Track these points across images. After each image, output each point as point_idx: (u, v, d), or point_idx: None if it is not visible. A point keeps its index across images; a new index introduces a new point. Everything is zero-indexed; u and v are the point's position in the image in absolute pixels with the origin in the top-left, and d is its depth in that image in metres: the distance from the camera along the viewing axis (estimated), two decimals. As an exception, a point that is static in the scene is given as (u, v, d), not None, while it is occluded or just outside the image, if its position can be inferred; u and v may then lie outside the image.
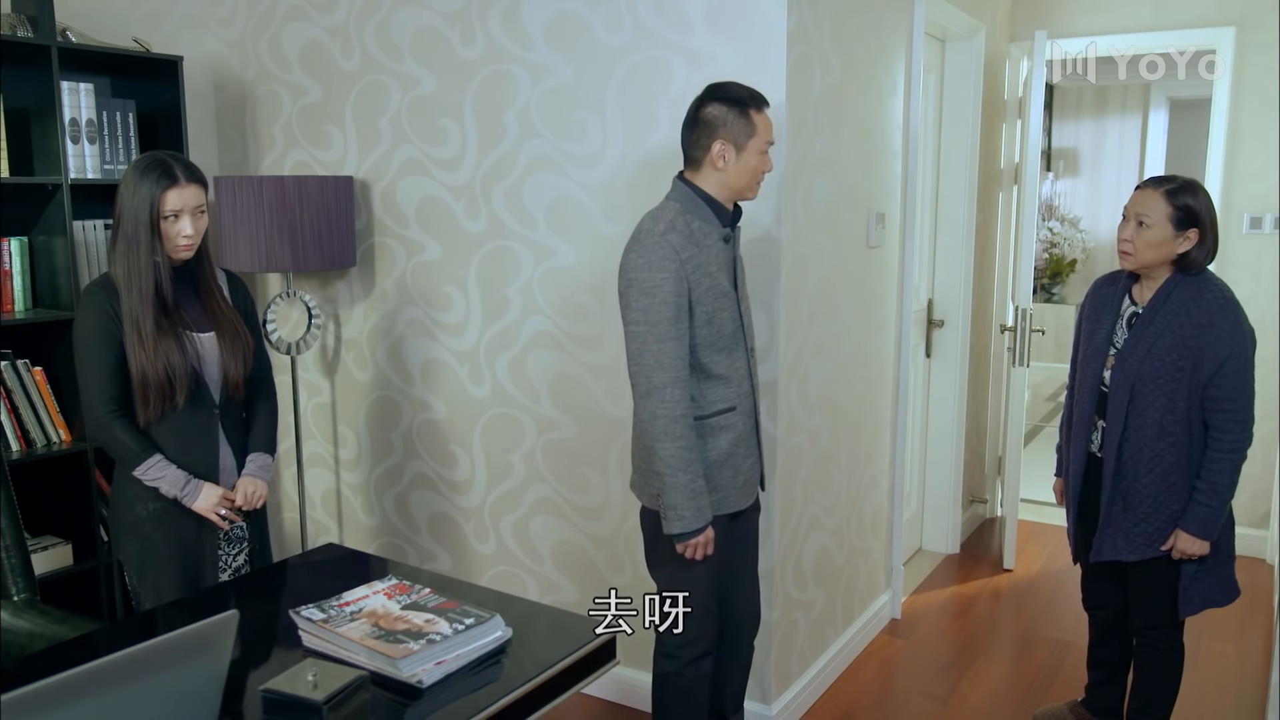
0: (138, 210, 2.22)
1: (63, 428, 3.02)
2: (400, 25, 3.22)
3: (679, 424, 2.12)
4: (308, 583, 2.26)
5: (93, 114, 3.05)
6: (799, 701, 3.03)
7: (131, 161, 2.30)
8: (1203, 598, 2.54)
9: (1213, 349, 2.39)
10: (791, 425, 2.85)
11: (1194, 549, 2.47)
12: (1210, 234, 2.45)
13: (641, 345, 2.12)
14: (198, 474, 2.33)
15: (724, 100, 2.20)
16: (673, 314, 2.10)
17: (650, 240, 2.14)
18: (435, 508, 3.43)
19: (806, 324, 2.90)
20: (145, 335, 2.23)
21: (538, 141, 3.00)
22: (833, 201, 3.00)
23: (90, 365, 2.25)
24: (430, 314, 3.33)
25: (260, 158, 3.67)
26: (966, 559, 4.42)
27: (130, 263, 2.24)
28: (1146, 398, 2.47)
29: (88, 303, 2.27)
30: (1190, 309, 2.43)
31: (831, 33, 2.88)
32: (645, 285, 2.11)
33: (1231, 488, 2.44)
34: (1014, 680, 3.34)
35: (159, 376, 2.24)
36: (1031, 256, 4.16)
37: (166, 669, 1.33)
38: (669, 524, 2.18)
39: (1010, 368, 4.43)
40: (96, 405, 2.25)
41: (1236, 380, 2.40)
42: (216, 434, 2.38)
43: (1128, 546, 2.55)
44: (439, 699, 1.62)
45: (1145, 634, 2.67)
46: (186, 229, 2.26)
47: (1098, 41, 4.54)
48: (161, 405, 2.27)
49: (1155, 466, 2.48)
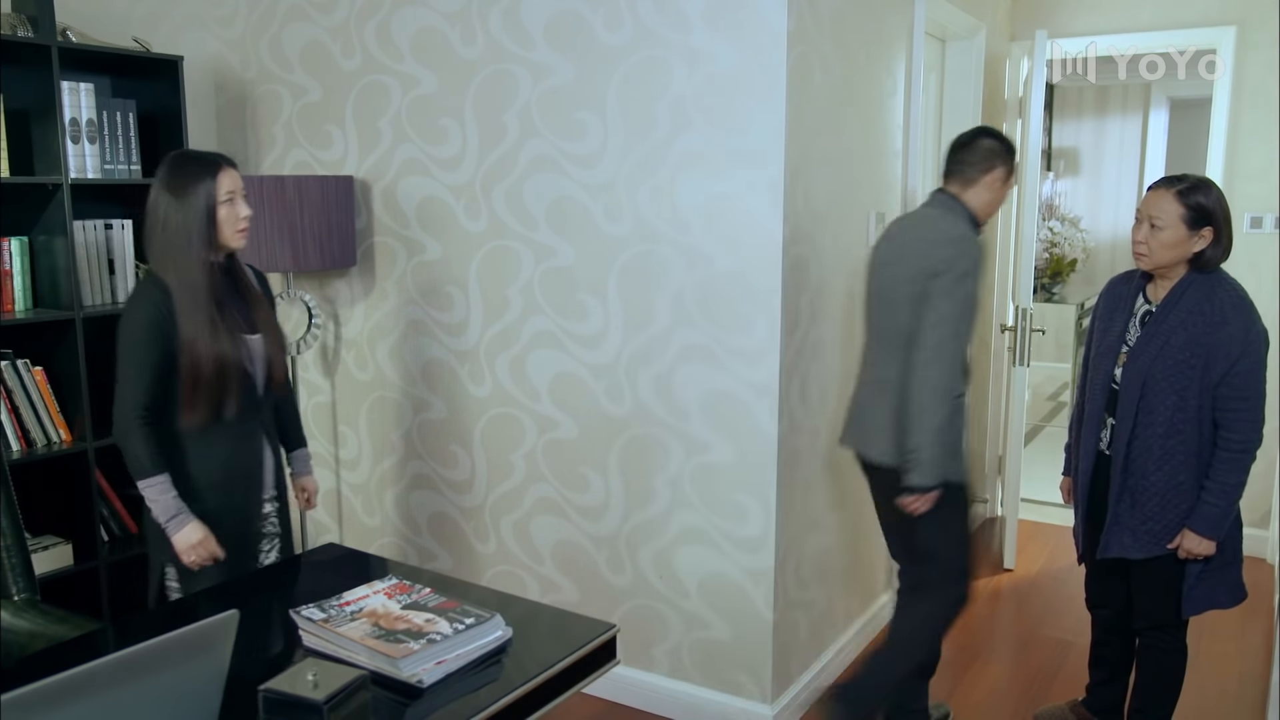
0: (189, 205, 2.19)
1: (63, 427, 3.02)
2: (401, 25, 3.22)
3: (949, 395, 2.47)
4: (308, 582, 2.26)
5: (93, 114, 3.05)
6: (799, 701, 3.03)
7: (163, 164, 2.26)
8: (1207, 598, 2.54)
9: (1225, 348, 2.38)
10: (792, 425, 2.85)
11: (1200, 549, 2.46)
12: (1225, 232, 2.44)
13: (944, 323, 2.45)
14: (246, 474, 2.36)
15: (999, 140, 2.65)
16: (971, 305, 2.50)
17: (966, 243, 2.51)
18: (436, 507, 3.43)
19: (806, 323, 2.90)
20: (201, 335, 2.20)
21: (538, 141, 3.01)
22: (833, 201, 2.99)
23: (133, 366, 2.21)
24: (430, 313, 3.33)
25: (261, 157, 3.67)
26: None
27: (183, 261, 2.20)
28: (1157, 395, 2.46)
29: (141, 301, 2.22)
30: (1204, 307, 2.43)
31: (832, 32, 2.88)
32: (960, 275, 2.46)
33: (1240, 488, 2.44)
34: (1014, 680, 3.34)
35: (212, 378, 2.22)
36: (1032, 256, 4.16)
37: (167, 668, 1.33)
38: (922, 476, 2.47)
39: (1011, 367, 4.43)
40: (128, 407, 2.21)
41: (1248, 380, 2.39)
42: (261, 434, 2.40)
43: (1134, 544, 2.55)
44: (439, 699, 1.62)
45: (1148, 634, 2.67)
46: (243, 209, 2.27)
47: (1097, 41, 4.54)
48: (209, 408, 2.25)
49: (1164, 464, 2.47)
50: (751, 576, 2.85)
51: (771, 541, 2.81)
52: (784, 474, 2.83)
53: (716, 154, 2.74)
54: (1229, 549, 2.52)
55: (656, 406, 2.92)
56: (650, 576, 3.01)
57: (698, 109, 2.74)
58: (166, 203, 2.21)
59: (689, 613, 2.97)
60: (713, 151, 2.74)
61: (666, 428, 2.92)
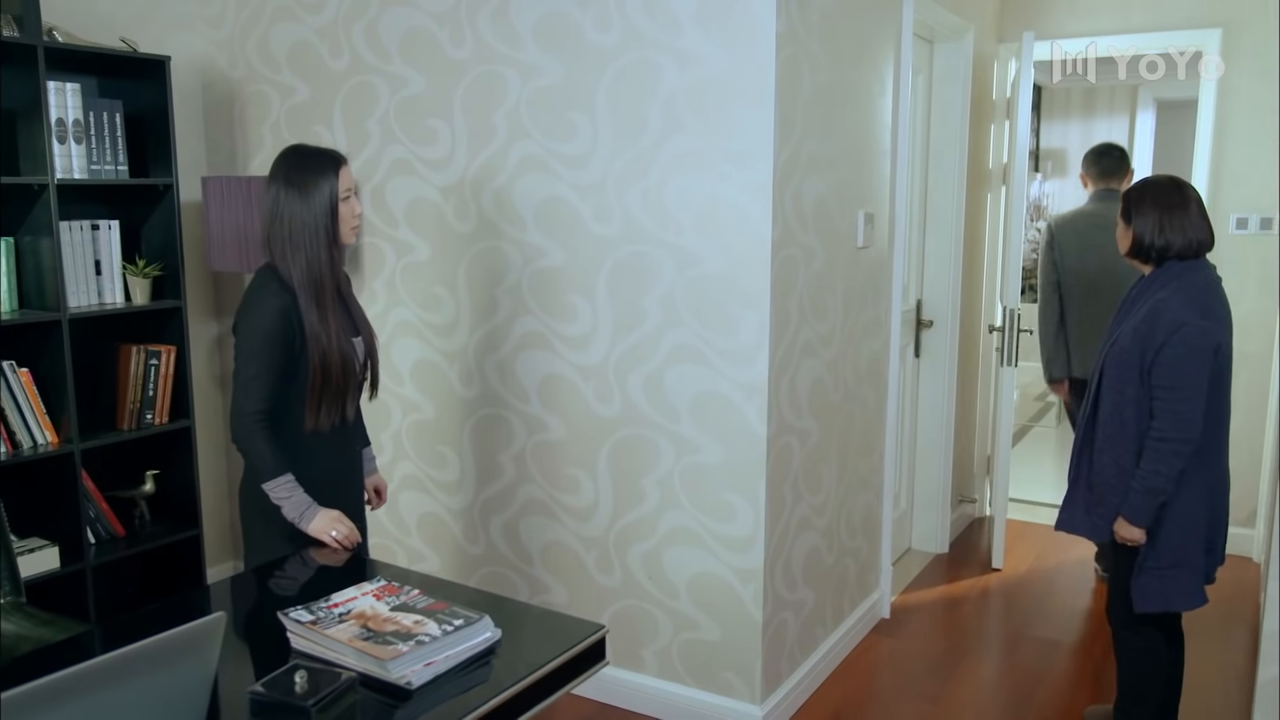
0: (313, 200, 2.19)
1: (49, 429, 3.00)
2: (389, 25, 3.21)
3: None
4: (296, 584, 2.25)
5: (79, 114, 3.04)
6: (789, 701, 3.03)
7: (283, 159, 2.25)
8: (1159, 598, 2.53)
9: (1153, 336, 2.43)
10: (781, 425, 2.86)
11: (1126, 533, 2.52)
12: (1149, 220, 2.50)
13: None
14: (350, 475, 2.39)
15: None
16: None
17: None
18: (425, 508, 3.42)
19: (796, 324, 2.91)
20: (329, 335, 2.20)
21: (527, 142, 3.00)
22: (822, 202, 3.00)
23: (257, 366, 2.17)
24: (419, 315, 3.32)
25: (249, 158, 3.66)
26: (955, 558, 4.44)
27: (313, 259, 2.20)
28: (1108, 381, 2.56)
29: (270, 301, 2.18)
30: (1156, 295, 2.49)
31: (821, 34, 2.89)
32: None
33: (1159, 477, 2.42)
34: (1002, 679, 3.36)
35: (340, 379, 2.22)
36: (1019, 257, 4.18)
37: (154, 671, 1.32)
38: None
39: (999, 367, 4.45)
40: (250, 408, 2.18)
41: (1171, 370, 2.40)
42: (353, 434, 2.44)
43: (1087, 525, 2.64)
44: (428, 700, 1.62)
45: (1114, 631, 2.71)
46: (357, 207, 2.29)
47: (1084, 43, 4.56)
48: (333, 410, 2.25)
49: (1109, 449, 2.55)
50: (740, 576, 2.86)
51: (761, 541, 2.81)
52: (773, 474, 2.83)
53: (706, 155, 2.74)
54: (1170, 551, 2.50)
55: (646, 407, 2.92)
56: (639, 577, 3.02)
57: (687, 110, 2.75)
58: (289, 198, 2.20)
59: (678, 613, 2.97)
60: (702, 152, 2.75)
61: (656, 428, 2.92)
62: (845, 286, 3.23)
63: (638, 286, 2.89)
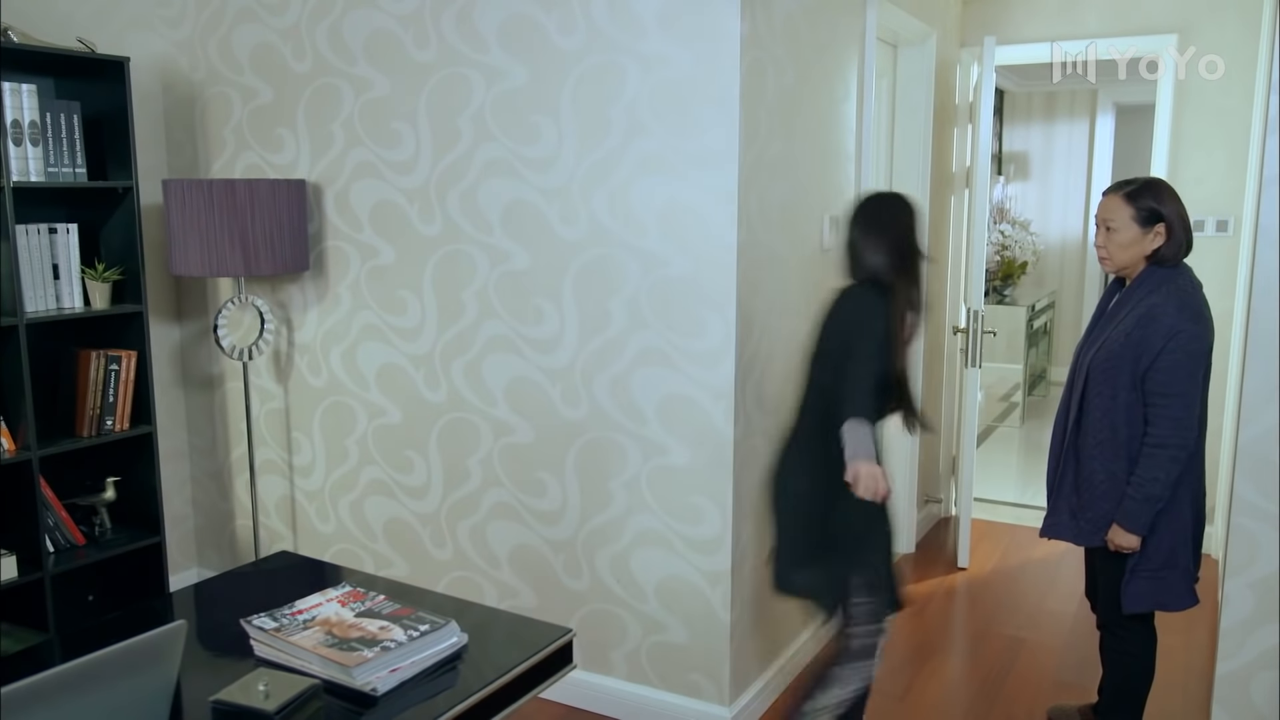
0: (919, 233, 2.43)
1: (6, 436, 2.95)
2: (353, 27, 3.19)
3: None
4: (260, 591, 2.23)
5: (36, 115, 2.99)
6: (757, 702, 3.04)
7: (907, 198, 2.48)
8: (1150, 598, 2.55)
9: (1149, 342, 2.43)
10: (748, 427, 2.87)
11: (1121, 541, 2.52)
12: (1179, 227, 2.50)
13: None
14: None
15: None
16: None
17: None
18: (391, 513, 3.40)
19: (761, 327, 2.92)
20: (904, 346, 2.38)
21: (492, 145, 3.00)
22: (787, 205, 3.02)
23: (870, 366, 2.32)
24: (385, 318, 3.30)
25: (210, 160, 3.62)
26: (921, 558, 4.48)
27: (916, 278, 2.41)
28: (1095, 386, 2.54)
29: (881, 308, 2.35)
30: (1147, 301, 2.48)
31: (785, 37, 2.91)
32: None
33: (1158, 484, 2.44)
34: (969, 676, 3.39)
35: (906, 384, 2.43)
36: (983, 259, 4.23)
37: (114, 681, 1.30)
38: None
39: (963, 369, 4.50)
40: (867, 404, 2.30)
41: (1168, 376, 2.41)
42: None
43: (1073, 530, 2.62)
44: (394, 707, 1.61)
45: (1102, 632, 2.72)
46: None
47: (1043, 47, 4.63)
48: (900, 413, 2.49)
49: (1099, 454, 2.54)
50: (708, 578, 2.86)
51: (728, 543, 2.82)
52: (740, 476, 2.84)
53: (671, 158, 2.75)
54: (1160, 553, 2.52)
55: (613, 410, 2.92)
56: (608, 580, 3.01)
57: (652, 113, 2.75)
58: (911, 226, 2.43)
59: (646, 616, 2.97)
60: (667, 155, 2.75)
61: (623, 431, 2.92)
62: (810, 289, 3.25)
63: (604, 289, 2.89)
